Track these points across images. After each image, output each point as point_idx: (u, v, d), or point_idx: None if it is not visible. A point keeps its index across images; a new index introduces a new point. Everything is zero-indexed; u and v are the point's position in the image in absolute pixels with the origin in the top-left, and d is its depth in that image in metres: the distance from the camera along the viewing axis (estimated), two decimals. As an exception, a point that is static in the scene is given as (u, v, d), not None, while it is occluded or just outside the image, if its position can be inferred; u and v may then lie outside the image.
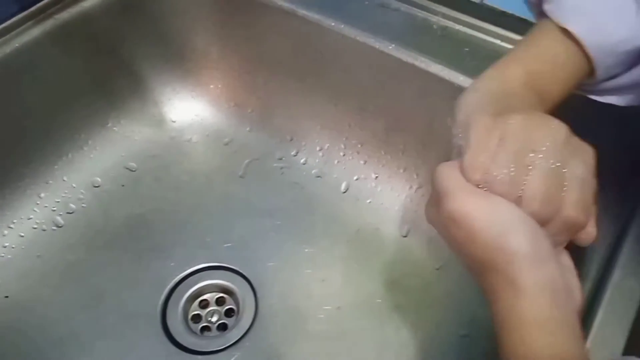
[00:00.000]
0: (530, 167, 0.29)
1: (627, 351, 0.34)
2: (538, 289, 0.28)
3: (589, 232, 0.31)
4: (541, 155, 0.29)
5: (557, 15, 0.35)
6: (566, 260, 0.32)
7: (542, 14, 0.37)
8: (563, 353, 0.27)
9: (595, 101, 0.39)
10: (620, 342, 0.34)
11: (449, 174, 0.31)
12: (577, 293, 0.31)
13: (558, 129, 0.30)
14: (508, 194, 0.29)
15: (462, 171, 0.31)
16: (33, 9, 0.55)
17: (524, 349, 0.28)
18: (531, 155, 0.29)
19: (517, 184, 0.29)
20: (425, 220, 0.34)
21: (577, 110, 0.37)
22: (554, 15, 0.35)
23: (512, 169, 0.29)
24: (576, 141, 0.30)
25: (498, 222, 0.29)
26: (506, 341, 0.28)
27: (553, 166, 0.29)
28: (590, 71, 0.35)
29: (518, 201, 0.29)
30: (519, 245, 0.28)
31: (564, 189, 0.29)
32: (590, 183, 0.30)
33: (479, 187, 0.30)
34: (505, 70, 0.36)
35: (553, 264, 0.29)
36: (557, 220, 0.29)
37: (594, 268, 0.38)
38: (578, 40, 0.34)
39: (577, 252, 0.39)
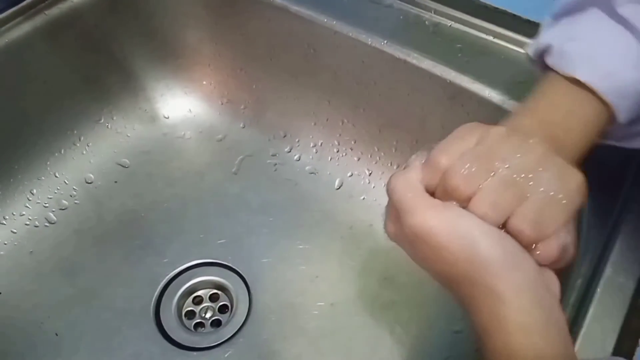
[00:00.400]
0: (493, 174, 0.29)
1: (617, 347, 0.34)
2: (517, 291, 0.27)
3: (546, 251, 0.29)
4: (507, 166, 0.29)
5: (563, 66, 0.34)
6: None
7: (546, 67, 0.36)
8: (549, 354, 0.27)
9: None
10: (611, 339, 0.34)
11: (403, 186, 0.31)
12: (554, 284, 0.30)
13: (535, 145, 0.30)
14: (460, 190, 0.29)
15: (428, 157, 0.30)
16: (23, 4, 0.55)
17: (508, 354, 0.27)
18: (497, 163, 0.29)
19: (472, 182, 0.29)
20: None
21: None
22: (558, 67, 0.34)
23: (473, 168, 0.29)
24: (558, 162, 0.30)
25: (463, 233, 0.28)
26: (490, 347, 0.28)
27: (516, 177, 0.29)
28: (611, 117, 0.34)
29: (468, 200, 0.29)
30: (490, 252, 0.28)
31: (524, 200, 0.29)
32: (562, 203, 0.29)
33: (434, 187, 0.30)
34: (518, 120, 0.34)
35: (528, 263, 0.29)
36: (505, 229, 0.29)
37: (585, 265, 0.38)
38: (590, 87, 0.33)
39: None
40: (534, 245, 0.29)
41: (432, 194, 0.31)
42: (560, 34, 0.36)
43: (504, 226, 0.29)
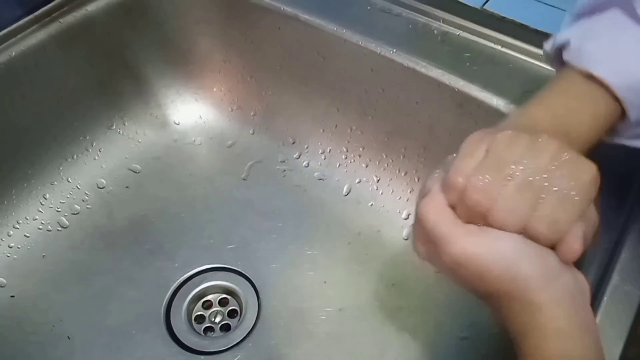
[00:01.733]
0: (510, 179, 0.29)
1: (624, 355, 0.34)
2: (556, 302, 0.28)
3: (570, 248, 0.30)
4: (522, 167, 0.29)
5: (579, 62, 0.34)
6: None
7: (561, 64, 0.36)
8: (584, 358, 0.28)
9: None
10: (617, 347, 0.34)
11: (435, 215, 0.31)
12: (587, 290, 0.31)
13: (546, 143, 0.30)
14: (481, 203, 0.29)
15: (446, 179, 0.31)
16: (38, 12, 0.56)
17: (543, 358, 0.28)
18: (512, 167, 0.29)
19: (491, 193, 0.29)
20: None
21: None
22: (575, 62, 0.35)
23: (488, 178, 0.29)
24: (571, 157, 0.30)
25: (503, 255, 0.29)
26: (527, 351, 0.29)
27: (531, 179, 0.29)
28: (621, 114, 0.35)
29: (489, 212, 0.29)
30: (530, 270, 0.29)
31: (540, 202, 0.29)
32: (575, 200, 0.29)
33: (458, 201, 0.30)
34: (531, 112, 0.35)
35: (565, 275, 0.29)
36: (525, 233, 0.30)
37: (592, 273, 0.38)
38: (604, 83, 0.33)
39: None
40: (555, 245, 0.30)
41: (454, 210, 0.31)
42: (579, 31, 0.36)
43: (523, 230, 0.30)
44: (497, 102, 0.49)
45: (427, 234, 0.31)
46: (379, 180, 0.61)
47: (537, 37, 0.51)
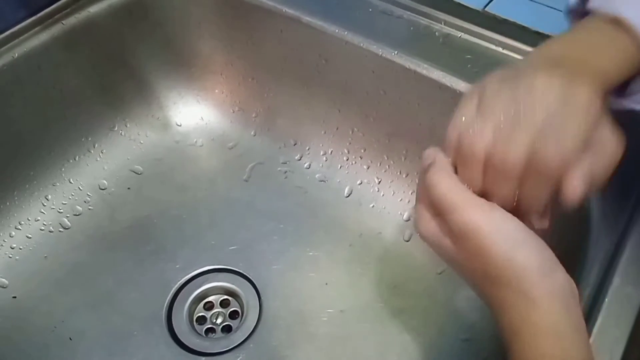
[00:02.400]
0: (503, 123, 0.29)
1: (625, 357, 0.34)
2: (550, 298, 0.28)
3: (574, 186, 0.29)
4: (513, 110, 0.29)
5: (607, 7, 0.33)
6: None
7: (581, 15, 0.35)
8: (575, 357, 0.28)
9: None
10: (619, 349, 0.34)
11: (446, 183, 0.31)
12: (575, 290, 0.31)
13: (532, 79, 0.29)
14: (474, 146, 0.29)
15: (445, 140, 0.31)
16: (41, 14, 0.56)
17: (536, 356, 0.28)
18: (503, 111, 0.29)
19: (484, 136, 0.29)
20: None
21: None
22: (602, 8, 0.33)
23: (479, 125, 0.29)
24: (562, 83, 0.29)
25: (506, 238, 0.29)
26: (518, 349, 0.29)
27: (526, 115, 0.28)
28: None
29: (484, 156, 0.29)
30: (528, 259, 0.29)
31: (540, 131, 0.28)
32: (574, 118, 0.28)
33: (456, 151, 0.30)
34: (553, 48, 0.33)
35: (560, 272, 0.30)
36: (530, 168, 0.29)
37: (593, 274, 0.38)
38: (631, 28, 0.32)
39: (576, 259, 0.39)
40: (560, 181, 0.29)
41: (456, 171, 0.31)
42: None
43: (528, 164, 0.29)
44: (498, 104, 0.49)
45: (435, 204, 0.31)
46: (380, 181, 0.61)
47: (537, 38, 0.51)
